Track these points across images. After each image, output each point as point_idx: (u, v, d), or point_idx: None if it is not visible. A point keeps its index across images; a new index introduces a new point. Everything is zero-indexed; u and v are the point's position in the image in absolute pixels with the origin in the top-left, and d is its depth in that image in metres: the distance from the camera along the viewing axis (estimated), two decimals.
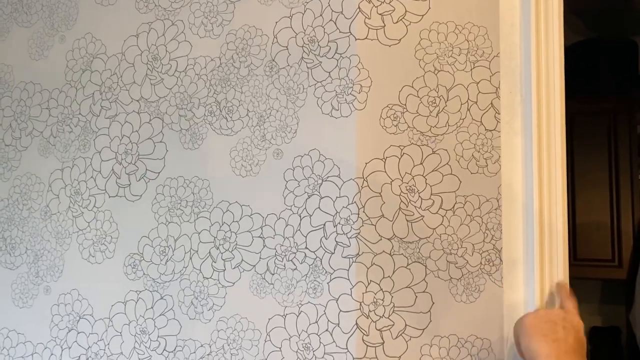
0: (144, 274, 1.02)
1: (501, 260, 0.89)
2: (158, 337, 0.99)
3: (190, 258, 0.99)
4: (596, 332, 2.58)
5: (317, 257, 0.89)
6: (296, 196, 0.92)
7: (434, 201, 0.89)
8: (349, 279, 0.87)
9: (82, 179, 1.09)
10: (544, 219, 0.88)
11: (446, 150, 0.90)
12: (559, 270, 0.88)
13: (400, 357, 0.86)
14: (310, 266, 0.90)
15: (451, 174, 0.90)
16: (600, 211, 2.40)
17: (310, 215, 0.91)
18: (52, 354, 1.08)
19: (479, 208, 0.90)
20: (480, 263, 0.89)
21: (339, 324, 0.87)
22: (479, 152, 0.90)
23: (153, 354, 0.99)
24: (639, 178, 2.43)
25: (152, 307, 1.00)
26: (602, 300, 2.71)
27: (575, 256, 2.40)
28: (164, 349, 0.99)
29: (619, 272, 2.36)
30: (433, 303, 0.87)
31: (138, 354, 1.01)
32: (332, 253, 0.88)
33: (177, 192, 1.01)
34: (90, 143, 1.09)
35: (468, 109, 0.90)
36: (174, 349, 0.98)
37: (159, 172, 1.03)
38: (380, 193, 0.88)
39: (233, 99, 0.98)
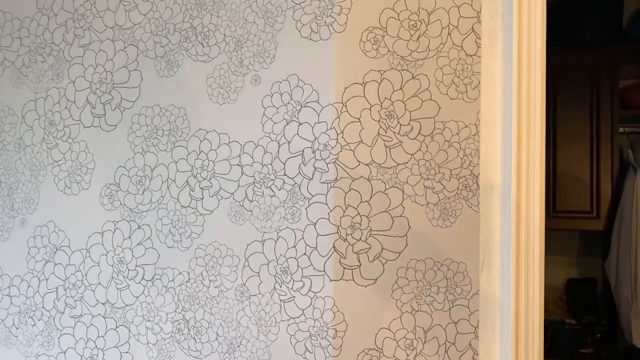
0: (120, 204, 1.01)
1: (478, 185, 0.89)
2: (136, 266, 0.99)
3: (168, 187, 0.98)
4: (573, 283, 2.64)
5: (295, 183, 0.89)
6: (274, 123, 0.91)
7: (412, 127, 0.88)
8: (327, 204, 0.86)
9: (56, 110, 1.07)
10: (522, 145, 0.88)
11: (426, 75, 0.89)
12: (536, 196, 0.88)
13: (376, 279, 0.87)
14: (289, 192, 0.89)
15: (431, 99, 0.89)
16: (581, 164, 2.42)
17: (289, 142, 0.90)
18: (29, 286, 1.07)
19: (458, 134, 0.89)
20: (458, 188, 0.89)
21: (316, 247, 0.87)
22: (458, 77, 0.89)
23: (131, 283, 0.99)
24: (619, 131, 2.45)
25: (129, 237, 1.00)
26: (579, 253, 2.77)
27: (554, 208, 2.43)
28: (142, 278, 0.99)
29: (597, 224, 2.40)
30: (410, 227, 0.88)
31: (116, 283, 1.00)
32: (311, 179, 0.88)
33: (153, 121, 0.99)
34: (63, 73, 1.07)
35: (449, 34, 0.89)
36: (152, 278, 0.98)
37: (134, 101, 1.01)
38: (359, 118, 0.87)
39: (209, 24, 0.95)
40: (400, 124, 0.88)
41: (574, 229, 2.48)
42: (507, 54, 0.89)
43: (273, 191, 0.90)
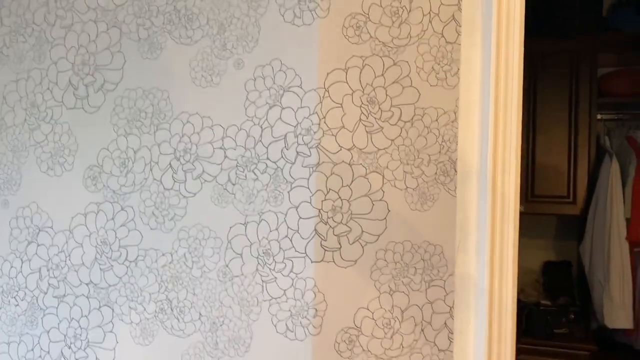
0: (104, 185, 1.01)
1: (455, 171, 0.92)
2: (119, 247, 1.00)
3: (151, 169, 0.98)
4: (549, 265, 2.70)
5: (278, 167, 0.90)
6: (257, 107, 0.92)
7: (393, 113, 0.90)
8: (309, 188, 0.88)
9: (38, 91, 1.06)
10: (499, 131, 0.90)
11: (407, 62, 0.90)
12: (511, 182, 0.91)
13: (356, 261, 0.89)
14: (271, 176, 0.91)
15: (411, 86, 0.91)
16: (559, 150, 2.47)
17: (272, 126, 0.91)
18: (12, 267, 1.08)
19: (437, 120, 0.92)
20: (436, 173, 0.92)
21: (298, 230, 0.89)
22: (438, 64, 0.91)
23: (114, 264, 1.01)
24: (597, 118, 2.50)
25: (112, 219, 1.01)
26: (555, 237, 2.83)
27: (532, 193, 2.48)
28: (126, 259, 1.00)
29: (574, 208, 2.46)
30: (389, 211, 0.90)
31: (99, 264, 1.01)
32: (293, 163, 0.89)
33: (136, 104, 1.00)
34: (45, 54, 1.06)
35: (430, 21, 0.91)
36: (136, 259, 0.99)
37: (117, 83, 1.01)
38: (341, 104, 0.89)
39: (193, 7, 0.95)
40: (382, 110, 0.90)
41: (551, 213, 2.54)
42: (486, 41, 0.91)
43: (256, 175, 0.91)
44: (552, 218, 2.73)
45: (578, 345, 2.22)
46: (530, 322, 2.34)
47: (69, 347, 1.03)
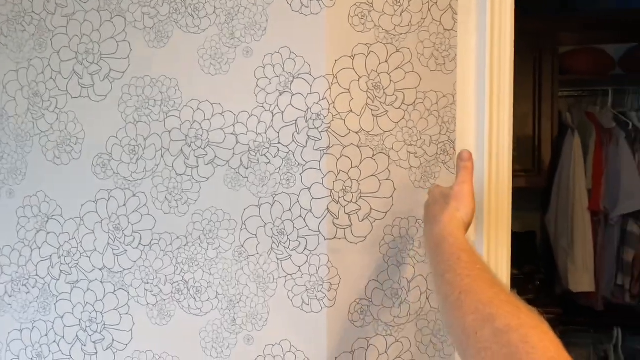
0: (114, 172, 1.03)
1: (455, 150, 0.99)
2: (132, 232, 1.03)
3: (162, 156, 1.01)
4: (514, 236, 2.85)
5: (289, 150, 0.95)
6: (268, 94, 0.96)
7: (397, 97, 0.96)
8: (320, 170, 0.93)
9: (40, 80, 1.07)
10: (493, 112, 0.97)
11: (409, 49, 0.96)
12: (505, 157, 0.99)
13: (365, 237, 0.96)
14: (283, 159, 0.95)
15: (413, 71, 0.96)
16: (524, 125, 2.59)
17: (282, 112, 0.95)
18: (21, 255, 1.09)
19: (437, 103, 0.98)
20: (437, 153, 0.98)
21: (311, 210, 0.94)
22: (437, 50, 0.97)
23: (128, 248, 1.03)
24: (558, 95, 2.63)
25: (124, 205, 1.03)
26: (519, 208, 2.98)
27: None
28: (140, 243, 1.03)
29: (539, 181, 2.60)
30: (395, 189, 0.96)
31: (112, 249, 1.04)
32: (304, 147, 0.94)
33: (145, 92, 1.02)
34: (46, 42, 1.06)
35: (429, 9, 0.96)
36: (150, 243, 1.02)
37: (123, 72, 1.03)
38: (349, 89, 0.94)
39: None
40: (386, 95, 0.95)
41: (518, 186, 2.67)
42: (480, 28, 0.98)
43: (268, 159, 0.96)
44: (514, 190, 2.88)
45: (544, 309, 2.38)
46: None
47: (85, 331, 1.06)
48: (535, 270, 2.73)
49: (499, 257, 1.00)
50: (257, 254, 0.97)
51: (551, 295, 2.58)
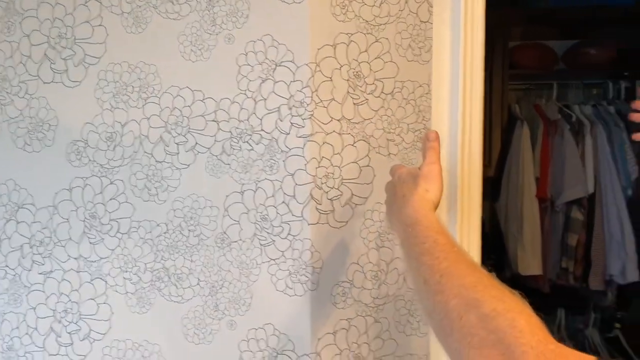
0: (90, 160, 1.02)
1: None
2: (110, 220, 1.02)
3: (141, 143, 1.00)
4: None
5: (273, 137, 0.96)
6: (250, 81, 0.96)
7: (376, 86, 0.99)
8: (304, 156, 0.95)
9: (9, 65, 1.03)
10: (466, 101, 1.02)
11: (387, 39, 0.99)
12: (476, 144, 1.04)
13: (347, 222, 0.98)
14: (266, 146, 0.96)
15: (391, 61, 1.00)
16: None
17: (265, 99, 0.96)
18: None
19: (413, 92, 1.02)
20: (413, 140, 1.02)
21: (294, 196, 0.96)
22: (414, 41, 1.01)
23: (105, 237, 1.02)
24: (508, 88, 2.74)
25: (101, 193, 1.02)
26: None
27: None
28: (118, 231, 1.02)
29: (489, 171, 2.71)
30: (375, 175, 1.00)
31: (89, 238, 1.02)
32: (288, 134, 0.96)
33: (122, 78, 1.00)
34: (15, 26, 1.02)
35: (406, 1, 1.00)
36: (128, 231, 1.01)
37: (100, 57, 1.01)
38: (331, 78, 0.96)
39: None
40: (366, 84, 0.98)
41: None
42: (454, 20, 1.02)
43: (251, 145, 0.97)
44: None
45: None
46: None
47: (59, 322, 1.04)
48: (485, 255, 2.85)
49: (471, 242, 1.06)
50: (240, 240, 0.98)
51: (501, 278, 2.69)
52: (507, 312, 0.53)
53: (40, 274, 1.04)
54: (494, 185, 2.77)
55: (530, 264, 2.45)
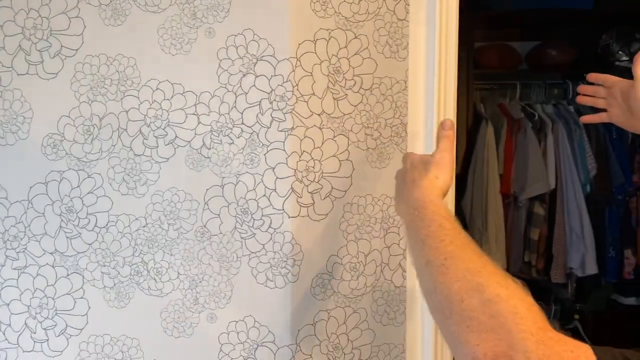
0: (66, 153, 1.00)
1: (406, 132, 1.06)
2: (87, 214, 1.01)
3: (119, 136, 0.99)
4: None
5: (253, 131, 0.97)
6: (231, 74, 0.97)
7: (355, 81, 1.01)
8: (284, 150, 0.97)
9: None
10: (441, 97, 1.05)
11: (366, 36, 1.01)
12: None
13: (327, 214, 1.00)
14: (247, 140, 0.97)
15: (370, 57, 1.02)
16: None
17: (246, 93, 0.97)
18: None
19: (391, 88, 1.04)
20: (391, 135, 1.05)
21: (275, 189, 0.97)
22: (392, 38, 1.03)
23: (82, 231, 1.01)
24: (474, 87, 2.82)
25: (78, 186, 1.00)
26: None
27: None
28: (95, 225, 1.01)
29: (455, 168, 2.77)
30: (354, 169, 1.02)
31: (65, 232, 1.01)
32: (268, 127, 0.97)
33: (100, 70, 0.99)
34: None
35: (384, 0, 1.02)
36: (107, 225, 1.00)
37: (77, 49, 0.99)
38: (311, 73, 0.97)
39: None
40: (346, 79, 1.00)
41: None
42: (430, 19, 1.05)
43: (231, 139, 0.97)
44: None
45: None
46: None
47: (34, 318, 1.02)
48: None
49: None
50: (220, 233, 0.99)
51: None
52: (509, 299, 0.54)
53: (14, 269, 1.02)
54: (458, 183, 2.84)
55: (494, 258, 2.52)
